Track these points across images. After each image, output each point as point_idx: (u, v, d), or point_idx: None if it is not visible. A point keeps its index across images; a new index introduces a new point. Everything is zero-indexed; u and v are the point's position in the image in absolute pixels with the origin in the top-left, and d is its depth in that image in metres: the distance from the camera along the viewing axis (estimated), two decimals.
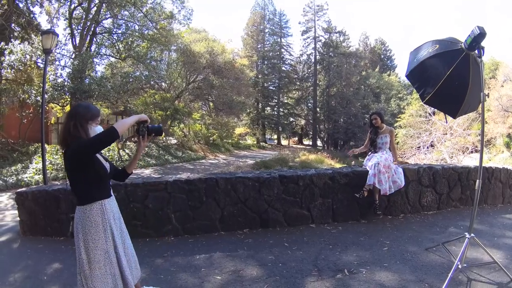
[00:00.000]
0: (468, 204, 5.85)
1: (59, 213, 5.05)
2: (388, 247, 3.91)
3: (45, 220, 5.19)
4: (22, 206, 5.37)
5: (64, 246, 4.71)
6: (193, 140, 26.47)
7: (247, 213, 4.80)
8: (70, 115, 2.23)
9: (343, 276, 3.19)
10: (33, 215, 5.27)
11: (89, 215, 2.25)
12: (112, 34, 16.63)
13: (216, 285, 3.19)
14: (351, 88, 45.13)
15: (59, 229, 5.07)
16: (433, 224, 4.86)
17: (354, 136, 43.18)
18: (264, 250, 3.98)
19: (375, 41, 54.38)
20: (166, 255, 4.07)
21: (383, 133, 5.31)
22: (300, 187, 4.93)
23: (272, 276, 3.29)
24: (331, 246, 4.03)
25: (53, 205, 5.09)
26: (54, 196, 5.09)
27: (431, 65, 3.25)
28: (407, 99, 40.35)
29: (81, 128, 2.20)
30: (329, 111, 46.15)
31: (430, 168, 5.65)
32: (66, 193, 4.97)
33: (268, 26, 46.75)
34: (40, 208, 5.19)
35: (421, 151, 25.37)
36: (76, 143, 2.12)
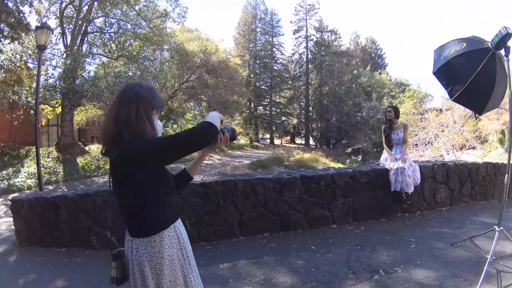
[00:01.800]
0: (477, 200, 5.99)
1: (59, 222, 4.77)
2: (415, 245, 3.90)
3: (43, 230, 4.89)
4: (18, 214, 5.04)
5: (67, 259, 4.41)
6: None
7: (267, 216, 4.59)
8: (129, 98, 1.50)
9: (380, 277, 3.13)
10: (30, 225, 4.96)
11: (160, 249, 1.50)
12: (104, 33, 16.22)
13: None
14: (343, 87, 45.19)
15: (60, 239, 4.80)
16: (450, 220, 4.93)
17: (347, 135, 43.24)
18: (291, 255, 3.80)
19: (366, 40, 54.58)
20: None
21: (397, 128, 5.31)
22: (322, 187, 4.80)
23: (308, 282, 3.13)
24: (359, 246, 3.95)
25: (52, 214, 4.78)
26: (53, 204, 4.79)
27: (459, 63, 3.31)
28: (400, 97, 40.64)
29: (146, 117, 1.50)
30: (322, 110, 46.15)
31: (444, 164, 5.71)
32: (66, 201, 4.70)
33: (260, 26, 46.42)
34: (38, 217, 4.88)
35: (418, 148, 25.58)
36: (151, 140, 1.47)
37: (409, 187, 4.85)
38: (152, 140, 1.48)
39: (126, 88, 1.59)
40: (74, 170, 14.56)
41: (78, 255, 4.43)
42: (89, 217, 4.58)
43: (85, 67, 14.57)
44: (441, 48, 3.51)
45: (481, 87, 3.23)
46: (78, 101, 13.84)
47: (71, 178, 13.76)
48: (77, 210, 4.64)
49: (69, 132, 15.69)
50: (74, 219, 4.66)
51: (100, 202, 4.52)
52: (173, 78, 18.52)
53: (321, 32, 45.83)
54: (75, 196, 4.66)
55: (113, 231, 4.42)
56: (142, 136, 1.47)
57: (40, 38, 6.89)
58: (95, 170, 15.25)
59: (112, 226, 4.41)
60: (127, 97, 1.52)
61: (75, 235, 4.68)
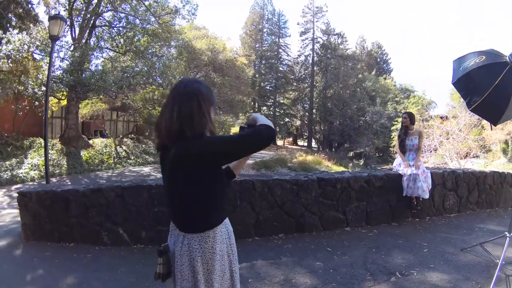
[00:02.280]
0: (483, 207, 6.18)
1: (68, 217, 4.63)
2: (427, 249, 4.05)
3: (51, 224, 4.75)
4: (25, 208, 4.86)
5: (76, 254, 4.26)
6: None
7: (283, 217, 4.62)
8: (190, 94, 1.49)
9: (396, 279, 3.24)
10: (38, 218, 4.80)
11: (213, 244, 1.54)
12: (113, 27, 16.11)
13: None
14: (347, 91, 45.09)
15: (68, 234, 4.67)
16: (459, 226, 5.11)
17: (350, 138, 43.15)
18: (308, 256, 3.86)
19: (372, 44, 54.47)
20: None
21: (412, 135, 5.41)
22: (338, 190, 4.88)
23: (328, 283, 3.19)
24: (374, 249, 4.05)
25: (62, 208, 4.65)
26: (63, 198, 4.64)
27: (478, 76, 3.45)
28: (404, 103, 40.49)
29: (207, 114, 1.52)
30: (325, 113, 46.04)
31: (453, 172, 5.87)
32: (77, 195, 4.55)
33: (267, 26, 46.32)
34: (46, 211, 4.73)
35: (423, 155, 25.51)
36: (216, 138, 1.48)
37: (425, 192, 4.97)
38: (218, 139, 1.49)
39: (186, 84, 1.56)
40: (77, 163, 14.47)
41: (88, 251, 4.30)
42: (100, 213, 4.46)
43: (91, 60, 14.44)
44: (460, 60, 3.66)
45: (497, 99, 3.34)
46: (85, 94, 13.71)
47: (74, 171, 13.69)
48: (88, 205, 4.51)
49: (73, 125, 15.59)
50: (85, 214, 4.52)
51: (113, 198, 4.40)
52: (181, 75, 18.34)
53: (328, 35, 45.68)
54: (87, 190, 4.52)
55: (125, 228, 4.35)
56: (203, 132, 1.49)
57: (53, 29, 6.79)
58: (99, 164, 15.18)
59: (124, 223, 4.34)
60: (188, 93, 1.51)
61: (85, 230, 4.57)
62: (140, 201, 4.31)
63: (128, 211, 4.21)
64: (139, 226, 4.35)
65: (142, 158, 18.42)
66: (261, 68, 44.25)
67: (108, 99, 18.55)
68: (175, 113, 1.46)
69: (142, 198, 4.31)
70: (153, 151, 20.37)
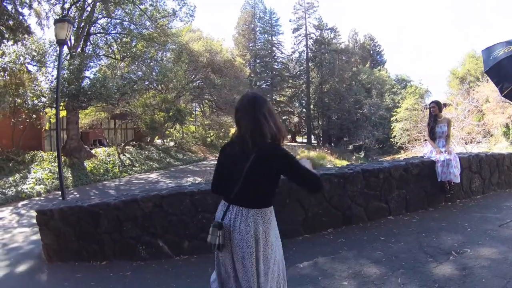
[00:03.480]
0: (503, 188, 6.40)
1: (99, 233, 4.27)
2: (470, 228, 4.22)
3: (78, 243, 4.37)
4: (46, 227, 4.50)
5: (112, 273, 3.87)
6: (191, 141, 25.79)
7: (331, 212, 4.59)
8: (261, 107, 1.98)
9: (455, 258, 3.38)
10: (62, 238, 4.42)
11: (270, 217, 2.06)
12: (108, 34, 15.68)
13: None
14: (344, 84, 45.04)
15: (99, 252, 4.30)
16: (488, 206, 5.32)
17: (349, 132, 43.09)
18: (366, 248, 3.86)
19: (364, 37, 54.26)
20: None
21: (441, 122, 5.56)
22: (380, 180, 4.91)
23: (396, 270, 3.23)
24: (423, 234, 4.13)
25: (91, 224, 4.29)
26: (91, 213, 4.29)
27: (508, 64, 3.79)
28: (401, 93, 40.46)
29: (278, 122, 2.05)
30: (323, 108, 45.99)
31: (477, 155, 6.12)
32: (108, 209, 4.20)
33: (259, 25, 46.19)
34: (72, 229, 4.36)
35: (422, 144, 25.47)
36: (290, 153, 2.00)
37: (457, 177, 5.16)
38: (290, 153, 1.99)
39: (255, 98, 2.02)
40: (82, 174, 14.07)
41: (125, 268, 3.94)
42: (136, 226, 4.12)
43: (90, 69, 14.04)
44: (488, 50, 4.02)
45: None
46: (88, 103, 13.30)
47: (80, 183, 13.27)
48: (122, 218, 4.17)
49: (75, 136, 15.16)
50: (118, 228, 4.19)
51: (151, 208, 4.06)
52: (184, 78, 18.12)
53: (321, 30, 45.58)
54: (119, 202, 4.17)
55: (165, 240, 4.02)
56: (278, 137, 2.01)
57: (60, 33, 6.40)
58: (104, 174, 14.77)
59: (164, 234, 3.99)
60: (259, 106, 1.97)
61: (118, 246, 4.23)
62: (181, 209, 3.99)
63: (168, 221, 3.87)
64: (181, 236, 4.04)
65: (147, 165, 18.02)
66: (256, 67, 44.08)
67: (107, 107, 18.17)
68: (257, 124, 1.96)
69: (184, 205, 3.99)
70: (156, 157, 20.05)
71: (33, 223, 7.48)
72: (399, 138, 33.30)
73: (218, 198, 3.93)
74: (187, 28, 18.89)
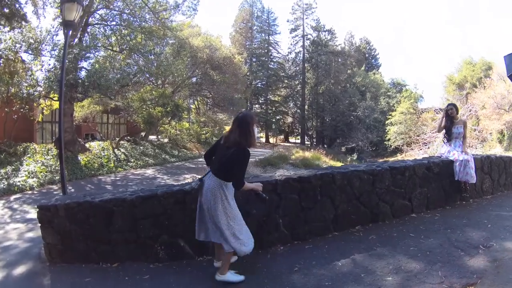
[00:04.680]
0: (509, 189, 6.70)
1: (110, 232, 3.91)
2: (490, 224, 4.40)
3: (86, 243, 3.99)
4: (49, 225, 4.07)
5: (127, 277, 3.52)
6: (186, 138, 25.39)
7: (360, 209, 4.54)
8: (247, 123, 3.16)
9: (484, 251, 3.52)
10: (68, 237, 4.02)
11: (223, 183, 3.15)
12: (107, 25, 15.18)
13: (395, 284, 3.01)
14: (339, 86, 45.22)
15: (110, 253, 3.94)
16: (501, 205, 5.54)
17: (342, 134, 43.19)
18: (398, 244, 3.88)
19: (360, 40, 54.64)
20: (297, 269, 3.36)
21: (458, 124, 5.78)
22: (405, 178, 4.95)
23: (434, 264, 3.30)
24: (449, 230, 4.24)
25: (102, 222, 3.92)
26: (103, 210, 3.91)
27: None
28: (396, 97, 40.70)
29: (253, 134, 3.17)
30: (318, 109, 46.08)
31: (488, 157, 6.33)
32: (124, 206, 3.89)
33: (257, 24, 45.92)
34: (80, 227, 3.97)
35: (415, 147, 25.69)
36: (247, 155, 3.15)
37: (473, 177, 5.39)
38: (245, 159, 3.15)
39: (243, 116, 3.25)
40: (77, 168, 13.59)
41: (141, 271, 3.64)
42: (155, 225, 3.82)
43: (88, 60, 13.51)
44: (511, 55, 4.15)
45: None
46: (86, 94, 12.84)
47: (75, 177, 12.80)
48: (138, 216, 3.84)
49: (69, 128, 14.61)
50: (133, 227, 3.86)
51: (172, 205, 3.78)
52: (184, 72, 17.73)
53: (318, 32, 45.62)
54: (137, 198, 3.83)
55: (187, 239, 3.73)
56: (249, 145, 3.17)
57: (69, 14, 5.94)
58: (99, 169, 14.31)
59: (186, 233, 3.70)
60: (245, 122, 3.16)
61: (132, 246, 3.91)
62: None
63: (190, 219, 3.55)
64: None
65: (143, 160, 17.60)
66: (253, 66, 43.72)
67: (103, 100, 17.67)
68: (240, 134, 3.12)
69: None
70: (151, 153, 19.64)
71: (28, 219, 7.08)
72: (394, 141, 33.51)
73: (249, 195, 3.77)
74: (188, 23, 18.47)
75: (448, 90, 34.22)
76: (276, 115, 47.24)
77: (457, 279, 2.98)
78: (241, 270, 3.37)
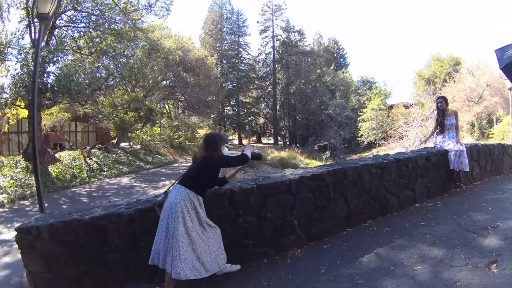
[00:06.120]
0: (494, 174, 7.06)
1: (106, 253, 3.48)
2: (490, 207, 4.56)
3: (77, 267, 3.48)
4: (31, 250, 3.50)
5: None
6: (159, 144, 24.66)
7: (370, 203, 4.52)
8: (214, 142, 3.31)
9: (493, 231, 3.67)
10: (54, 262, 3.50)
11: (190, 194, 3.08)
12: (76, 27, 14.37)
13: (427, 272, 3.03)
14: (309, 86, 45.81)
15: (108, 276, 3.50)
16: (492, 189, 5.79)
17: (315, 132, 43.79)
18: (414, 234, 3.92)
19: (329, 40, 55.72)
20: (323, 271, 3.22)
21: (449, 115, 5.89)
22: (409, 169, 5.02)
23: (453, 248, 3.39)
24: (455, 216, 4.36)
25: (95, 242, 3.48)
26: (95, 228, 3.46)
27: None
28: (367, 94, 41.78)
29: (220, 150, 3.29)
30: (289, 109, 46.51)
31: (476, 145, 6.66)
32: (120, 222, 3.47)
33: (226, 25, 45.73)
34: (69, 250, 3.46)
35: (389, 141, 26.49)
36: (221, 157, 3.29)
37: (467, 166, 5.59)
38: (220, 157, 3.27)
39: (212, 135, 3.54)
40: (48, 180, 12.67)
41: None
42: None
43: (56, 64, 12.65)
44: (502, 49, 4.40)
45: None
46: (55, 100, 12.02)
47: (47, 190, 11.90)
48: (138, 231, 3.46)
49: (37, 138, 13.56)
50: (132, 245, 3.47)
51: None
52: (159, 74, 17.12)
53: (288, 32, 46.03)
54: (135, 212, 3.42)
55: None
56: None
57: (43, 6, 5.40)
58: (72, 180, 13.47)
59: None
60: (213, 142, 3.30)
61: (133, 267, 3.49)
62: (218, 214, 3.44)
63: None
64: None
65: (116, 169, 16.83)
66: (223, 68, 43.38)
67: (72, 107, 16.73)
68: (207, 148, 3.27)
69: (222, 209, 3.45)
70: (125, 160, 18.87)
71: (1, 240, 6.42)
72: (366, 137, 34.36)
73: (263, 196, 3.55)
74: (160, 24, 17.85)
75: (418, 86, 35.62)
76: (248, 117, 47.20)
77: (480, 259, 3.09)
78: (265, 279, 3.17)
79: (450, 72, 30.42)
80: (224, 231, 3.30)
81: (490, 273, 2.83)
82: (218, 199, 3.47)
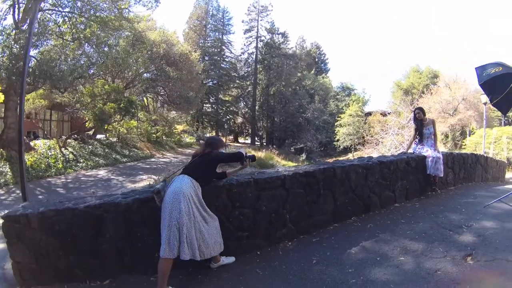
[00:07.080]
0: (467, 181, 7.54)
1: (99, 243, 3.40)
2: (464, 209, 4.95)
3: (68, 258, 3.40)
4: (18, 239, 3.40)
5: None
6: (136, 137, 24.21)
7: (355, 201, 4.78)
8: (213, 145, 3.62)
9: (467, 229, 4.01)
10: (43, 253, 3.40)
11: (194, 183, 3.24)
12: (60, 11, 13.93)
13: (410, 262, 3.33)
14: (290, 88, 46.36)
15: (100, 268, 3.43)
16: (465, 194, 6.21)
17: (292, 134, 44.42)
18: (396, 230, 4.22)
19: (311, 44, 56.51)
20: (315, 261, 3.46)
21: (427, 125, 6.22)
22: (391, 171, 5.33)
23: (432, 242, 3.72)
24: (432, 215, 4.70)
25: (88, 232, 3.38)
26: (91, 217, 3.37)
27: (499, 80, 4.82)
28: (345, 100, 42.75)
29: None
30: (268, 110, 46.87)
31: (451, 153, 7.11)
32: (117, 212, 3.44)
33: (211, 22, 45.47)
34: (59, 240, 3.35)
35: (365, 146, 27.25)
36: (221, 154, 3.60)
37: (442, 172, 5.98)
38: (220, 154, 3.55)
39: (213, 138, 3.85)
40: None
41: (141, 286, 3.25)
42: (155, 230, 3.23)
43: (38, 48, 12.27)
44: (482, 67, 5.03)
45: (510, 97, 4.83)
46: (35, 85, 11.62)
47: None
48: (135, 222, 3.42)
49: (13, 124, 13.10)
50: (128, 236, 3.42)
51: None
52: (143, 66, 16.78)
53: (272, 34, 46.31)
54: (133, 202, 3.39)
55: None
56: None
57: None
58: (47, 170, 13.10)
59: None
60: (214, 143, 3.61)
61: (128, 258, 3.46)
62: (216, 205, 3.57)
63: None
64: None
65: (93, 160, 16.45)
66: (205, 65, 43.09)
67: (50, 94, 16.19)
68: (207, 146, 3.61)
69: (220, 201, 3.58)
70: (101, 153, 18.44)
71: None
72: (343, 141, 35.21)
73: (259, 189, 3.71)
74: (148, 15, 17.60)
75: (396, 95, 36.86)
76: (227, 115, 47.14)
77: (456, 252, 3.41)
78: (260, 269, 3.34)
79: (428, 84, 31.73)
80: (220, 222, 3.40)
81: (466, 264, 3.14)
82: (217, 191, 3.60)
